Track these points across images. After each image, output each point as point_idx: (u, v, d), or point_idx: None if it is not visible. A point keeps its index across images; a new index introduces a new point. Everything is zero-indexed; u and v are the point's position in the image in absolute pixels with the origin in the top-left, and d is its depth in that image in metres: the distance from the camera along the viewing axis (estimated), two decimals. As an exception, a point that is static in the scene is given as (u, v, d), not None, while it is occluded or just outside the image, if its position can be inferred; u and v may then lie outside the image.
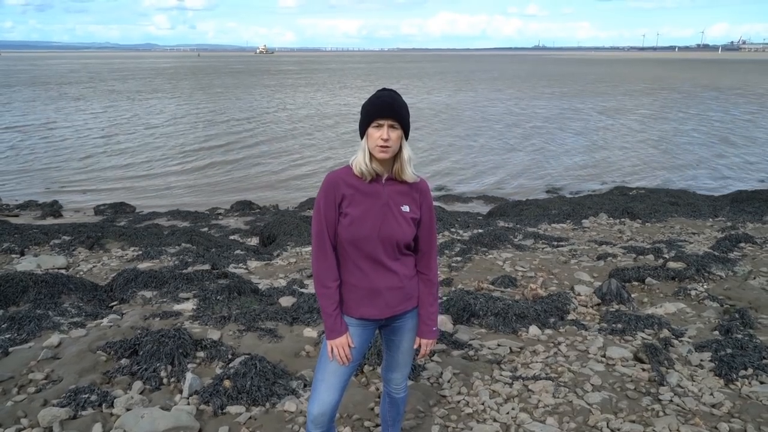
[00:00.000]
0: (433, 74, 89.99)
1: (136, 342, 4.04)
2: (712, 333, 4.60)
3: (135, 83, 61.91)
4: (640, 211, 10.46)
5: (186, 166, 19.73)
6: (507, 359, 4.12)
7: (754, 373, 3.75)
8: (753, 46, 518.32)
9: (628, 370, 3.89)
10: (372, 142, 2.25)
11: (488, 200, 14.98)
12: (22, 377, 3.69)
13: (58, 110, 35.18)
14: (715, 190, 15.72)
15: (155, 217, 12.87)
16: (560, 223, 10.19)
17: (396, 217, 2.32)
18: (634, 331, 4.57)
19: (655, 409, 3.42)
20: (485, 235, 8.28)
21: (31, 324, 4.52)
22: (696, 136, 25.65)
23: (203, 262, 7.35)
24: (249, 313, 4.81)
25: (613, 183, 16.87)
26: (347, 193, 2.30)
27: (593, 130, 27.41)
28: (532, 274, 6.27)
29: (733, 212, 10.61)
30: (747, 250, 7.13)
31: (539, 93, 50.58)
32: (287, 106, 38.67)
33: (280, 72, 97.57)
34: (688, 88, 55.82)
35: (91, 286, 5.87)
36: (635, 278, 5.89)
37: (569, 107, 38.06)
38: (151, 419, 3.15)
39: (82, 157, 21.02)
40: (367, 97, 2.33)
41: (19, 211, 13.62)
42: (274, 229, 9.99)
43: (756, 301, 5.19)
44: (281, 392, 3.56)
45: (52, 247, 8.38)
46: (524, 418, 3.35)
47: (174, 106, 38.45)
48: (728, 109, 36.98)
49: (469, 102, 42.26)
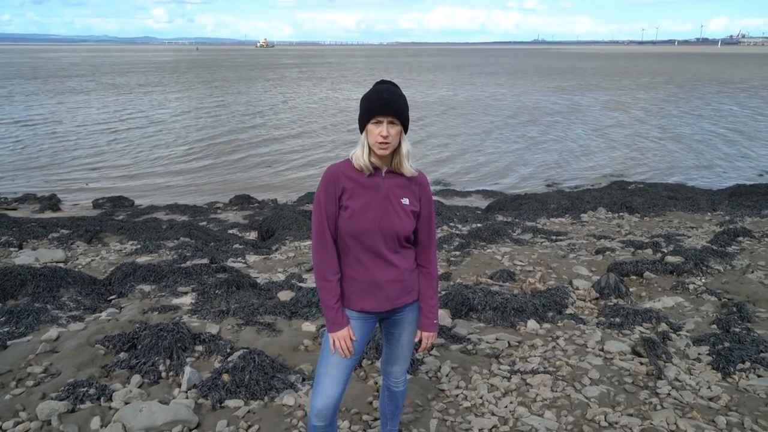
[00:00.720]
0: (435, 68, 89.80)
1: (135, 336, 4.05)
2: (710, 327, 4.61)
3: (137, 77, 61.68)
4: (638, 206, 10.47)
5: (185, 160, 19.67)
6: (505, 353, 4.13)
7: (752, 367, 3.77)
8: (752, 40, 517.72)
9: (626, 364, 3.90)
10: (372, 138, 2.25)
11: (487, 194, 14.96)
12: (20, 371, 3.69)
13: (58, 103, 35.03)
14: (714, 184, 15.73)
15: (154, 211, 12.84)
16: (559, 217, 10.20)
17: (396, 209, 2.32)
18: (632, 325, 4.58)
19: (652, 402, 3.43)
20: (484, 229, 8.28)
21: (29, 317, 4.52)
22: (697, 130, 25.63)
23: (202, 256, 7.34)
24: (247, 307, 4.81)
25: (611, 177, 16.87)
26: (347, 186, 2.30)
27: (597, 127, 27.37)
28: (530, 268, 6.27)
29: (731, 206, 10.62)
30: (745, 244, 7.14)
31: (543, 87, 50.54)
32: (288, 100, 38.56)
33: (282, 66, 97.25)
34: (691, 82, 55.70)
35: (90, 279, 5.87)
36: (633, 272, 5.90)
37: (571, 101, 38.02)
38: (149, 413, 3.16)
39: (81, 150, 20.94)
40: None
41: (17, 204, 13.59)
42: (272, 223, 9.98)
43: (754, 295, 5.20)
44: (280, 386, 3.56)
45: (50, 241, 8.37)
46: (522, 411, 3.36)
47: (175, 99, 38.25)
48: (729, 101, 36.95)
49: (471, 96, 42.19)
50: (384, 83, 2.31)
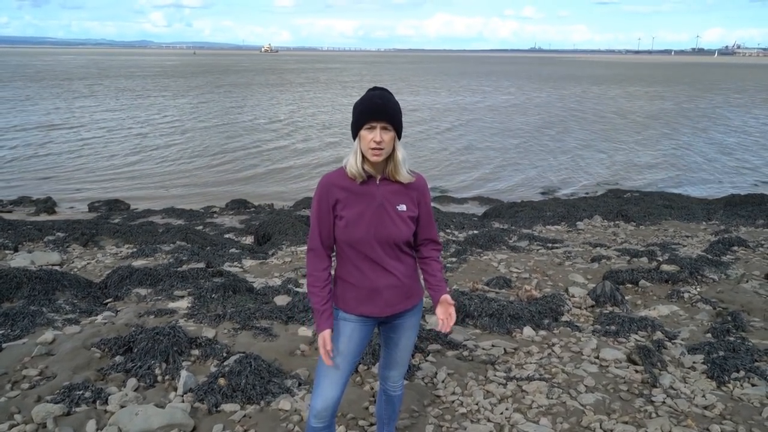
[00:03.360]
0: (436, 74, 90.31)
1: (131, 339, 4.04)
2: (704, 335, 4.63)
3: (143, 81, 61.71)
4: (634, 214, 10.51)
5: (182, 164, 19.66)
6: (501, 360, 4.14)
7: (746, 376, 3.78)
8: (747, 51, 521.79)
9: (621, 372, 3.91)
10: (365, 144, 2.25)
11: (483, 201, 14.99)
12: (15, 373, 3.68)
13: (53, 106, 34.98)
14: (709, 194, 15.80)
15: (150, 214, 12.82)
16: (555, 224, 10.23)
17: (392, 217, 2.33)
18: (628, 333, 4.59)
19: (647, 410, 3.44)
20: (480, 236, 8.30)
21: (24, 320, 4.50)
22: (695, 140, 25.77)
23: (198, 260, 7.33)
24: (244, 311, 4.80)
25: (607, 186, 16.93)
26: (341, 197, 2.30)
27: (597, 132, 27.50)
28: (526, 275, 6.29)
29: (726, 216, 10.67)
30: (740, 253, 7.18)
31: (543, 89, 50.73)
32: (292, 106, 38.66)
33: (287, 71, 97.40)
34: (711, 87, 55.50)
35: (86, 283, 5.85)
36: (629, 280, 5.92)
37: (566, 106, 38.19)
38: (145, 416, 3.15)
39: (76, 153, 20.93)
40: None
41: (12, 207, 13.54)
42: (269, 227, 9.97)
43: (748, 304, 5.22)
44: (276, 391, 3.56)
45: (46, 244, 8.34)
46: (518, 418, 3.36)
47: (176, 104, 38.22)
48: (729, 112, 37.17)
49: (466, 102, 42.33)
50: (376, 89, 2.32)
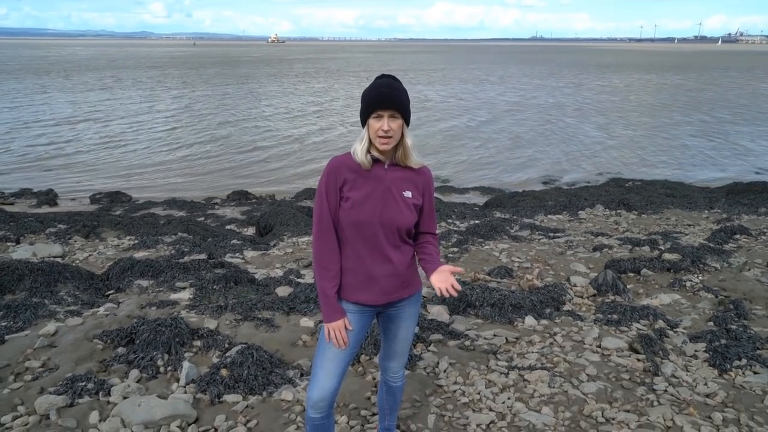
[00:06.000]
0: (441, 64, 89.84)
1: (133, 331, 4.05)
2: (706, 324, 4.63)
3: (155, 72, 61.65)
4: (636, 203, 10.48)
5: (183, 156, 19.64)
6: (503, 349, 4.14)
7: (748, 364, 3.79)
8: (751, 38, 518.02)
9: (623, 361, 3.91)
10: (373, 132, 2.26)
11: (485, 191, 14.97)
12: (18, 365, 3.69)
13: (49, 99, 34.91)
14: (711, 182, 15.75)
15: (151, 206, 12.83)
16: (556, 214, 10.21)
17: (397, 202, 2.33)
18: (630, 321, 4.59)
19: (649, 398, 3.44)
20: (482, 226, 8.29)
21: (27, 312, 4.52)
22: (695, 128, 25.66)
23: (200, 251, 7.34)
24: (246, 302, 4.81)
25: (608, 175, 16.88)
26: (349, 178, 2.31)
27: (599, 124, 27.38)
28: (528, 264, 6.28)
29: (728, 204, 10.64)
30: (742, 241, 7.16)
31: (551, 83, 50.49)
32: (300, 95, 38.56)
33: (297, 60, 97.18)
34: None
35: (88, 274, 5.86)
36: (631, 269, 5.91)
37: (565, 94, 38.02)
38: (148, 407, 3.16)
39: (77, 145, 20.92)
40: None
41: (14, 199, 13.56)
42: (270, 219, 9.96)
43: (750, 293, 5.21)
44: (278, 381, 3.57)
45: (47, 236, 8.35)
46: (520, 407, 3.37)
47: (177, 96, 38.10)
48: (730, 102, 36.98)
49: (470, 92, 42.16)
50: (384, 77, 2.31)
